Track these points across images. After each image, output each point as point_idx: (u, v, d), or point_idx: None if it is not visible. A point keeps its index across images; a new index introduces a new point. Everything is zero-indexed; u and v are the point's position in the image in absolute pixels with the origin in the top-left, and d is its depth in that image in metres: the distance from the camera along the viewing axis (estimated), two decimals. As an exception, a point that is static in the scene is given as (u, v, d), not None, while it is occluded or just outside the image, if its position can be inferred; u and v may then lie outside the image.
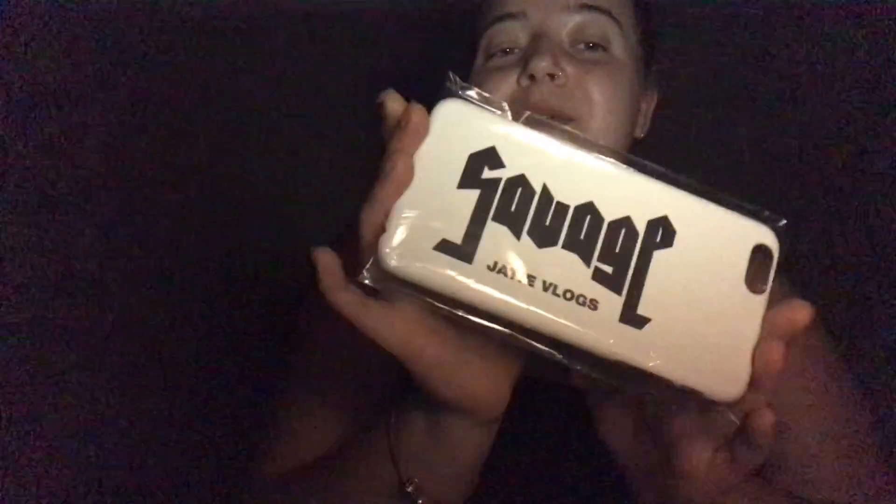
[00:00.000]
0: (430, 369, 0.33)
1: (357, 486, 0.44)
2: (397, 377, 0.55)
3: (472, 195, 0.30)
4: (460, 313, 0.30)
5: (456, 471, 0.40)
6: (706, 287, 0.31)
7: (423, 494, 0.40)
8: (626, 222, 0.30)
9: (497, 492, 0.54)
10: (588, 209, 0.30)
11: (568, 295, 0.29)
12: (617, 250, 0.30)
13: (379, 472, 0.42)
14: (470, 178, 0.30)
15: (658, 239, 0.30)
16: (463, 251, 0.29)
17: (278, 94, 1.44)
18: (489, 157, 0.30)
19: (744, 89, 1.28)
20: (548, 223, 0.30)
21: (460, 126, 0.31)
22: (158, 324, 1.36)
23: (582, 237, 0.30)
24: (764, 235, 0.32)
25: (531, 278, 0.29)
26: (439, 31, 1.33)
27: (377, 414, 0.44)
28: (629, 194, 0.31)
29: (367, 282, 0.30)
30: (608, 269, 0.30)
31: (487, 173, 0.30)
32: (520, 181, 0.30)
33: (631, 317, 0.30)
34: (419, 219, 0.29)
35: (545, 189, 0.30)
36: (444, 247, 0.29)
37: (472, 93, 0.32)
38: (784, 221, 0.33)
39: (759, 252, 0.32)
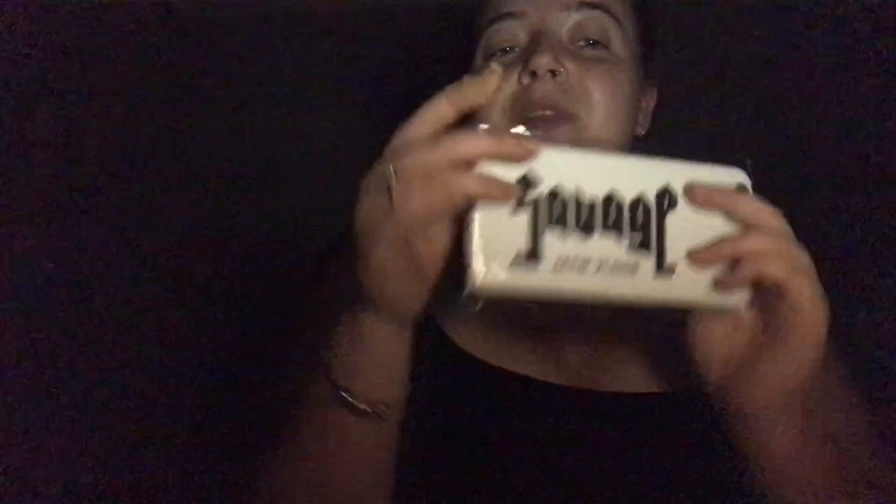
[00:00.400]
0: (376, 236, 0.39)
1: (299, 406, 0.49)
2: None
3: (526, 213, 0.38)
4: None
5: (379, 369, 0.45)
6: (705, 229, 0.41)
7: (358, 398, 0.45)
8: (640, 199, 0.40)
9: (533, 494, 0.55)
10: (611, 199, 0.39)
11: (616, 265, 0.39)
12: (640, 222, 0.40)
13: (316, 387, 0.47)
14: (517, 203, 0.38)
15: (666, 205, 0.40)
16: (532, 256, 0.38)
17: (278, 94, 1.44)
18: (528, 178, 0.38)
19: (744, 87, 1.28)
20: (585, 218, 0.39)
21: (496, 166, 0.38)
22: (159, 323, 1.36)
23: (610, 221, 0.39)
24: (738, 176, 0.43)
25: (585, 262, 0.39)
26: (439, 31, 1.33)
27: None
28: (633, 176, 0.40)
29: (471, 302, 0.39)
30: (639, 239, 0.40)
31: (531, 194, 0.38)
32: (557, 190, 0.38)
33: (662, 268, 0.40)
34: (491, 246, 0.37)
35: (576, 191, 0.39)
36: (518, 257, 0.38)
37: (488, 128, 0.39)
38: (749, 161, 0.43)
39: (740, 189, 0.42)
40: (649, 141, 0.65)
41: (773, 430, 0.42)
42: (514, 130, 0.40)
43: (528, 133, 0.40)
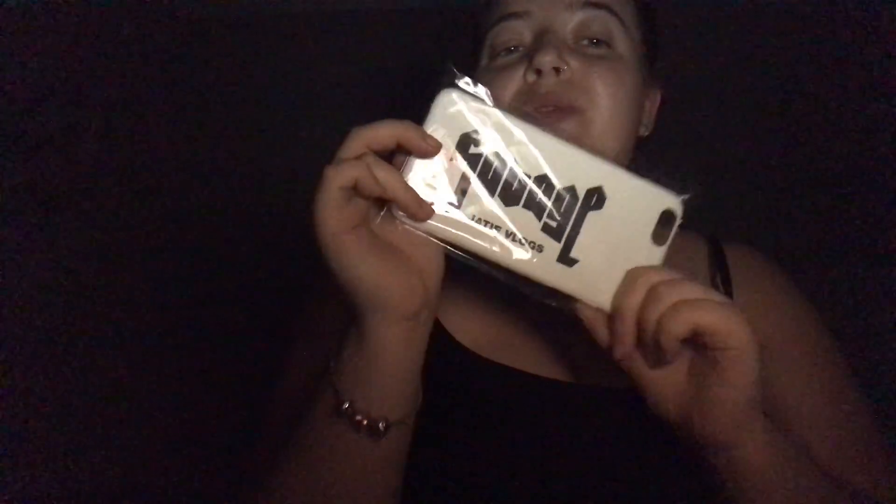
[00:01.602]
0: (344, 246, 0.40)
1: (305, 415, 0.48)
2: None
3: (461, 166, 0.41)
4: (449, 248, 0.43)
5: (383, 379, 0.44)
6: (622, 239, 0.43)
7: (360, 411, 0.44)
8: (571, 190, 0.42)
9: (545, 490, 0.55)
10: (544, 179, 0.42)
11: (522, 241, 0.42)
12: (562, 210, 0.42)
13: (322, 397, 0.46)
14: (460, 152, 0.41)
15: (593, 203, 0.42)
16: (452, 207, 0.41)
17: (278, 94, 1.44)
18: (476, 137, 0.41)
19: (746, 87, 1.28)
20: (514, 188, 0.42)
21: (455, 111, 0.41)
22: (159, 323, 1.36)
23: (538, 199, 0.42)
24: (671, 203, 0.43)
25: (497, 228, 0.42)
26: (440, 32, 1.33)
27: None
28: (575, 168, 0.42)
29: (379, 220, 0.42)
30: (553, 223, 0.42)
31: (473, 149, 0.41)
32: (496, 156, 0.41)
33: (565, 258, 0.43)
34: (423, 181, 0.41)
35: (514, 163, 0.42)
36: (441, 200, 0.41)
37: (465, 83, 0.42)
38: (688, 195, 0.43)
39: (667, 215, 0.43)
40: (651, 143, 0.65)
41: (738, 450, 0.43)
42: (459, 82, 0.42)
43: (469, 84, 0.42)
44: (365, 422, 0.44)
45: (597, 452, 0.56)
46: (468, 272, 0.44)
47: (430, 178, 0.41)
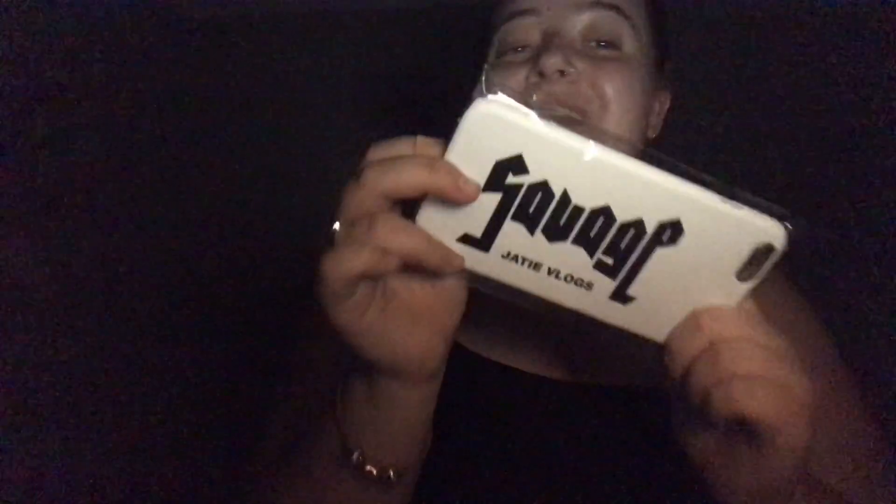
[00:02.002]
0: (359, 331, 0.35)
1: (310, 461, 0.45)
2: None
3: (495, 198, 0.33)
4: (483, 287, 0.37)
5: (396, 433, 0.41)
6: (697, 276, 0.35)
7: (369, 461, 0.41)
8: (637, 224, 0.33)
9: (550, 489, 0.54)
10: (603, 211, 0.33)
11: (568, 277, 0.35)
12: (622, 246, 0.34)
13: (328, 445, 0.43)
14: (494, 182, 0.33)
15: (665, 238, 0.34)
16: (481, 244, 0.35)
17: (279, 94, 1.44)
18: (515, 163, 0.32)
19: (753, 89, 1.28)
20: (562, 223, 0.34)
21: (489, 131, 0.32)
22: (159, 324, 1.36)
23: (592, 235, 0.34)
24: (772, 236, 0.34)
25: (538, 266, 0.35)
26: (442, 32, 1.32)
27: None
28: (647, 196, 0.33)
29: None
30: (609, 260, 0.35)
31: (511, 178, 0.33)
32: (541, 186, 0.33)
33: (620, 296, 0.36)
34: (446, 213, 0.34)
35: (565, 193, 0.33)
36: (466, 239, 0.35)
37: (502, 96, 0.32)
38: (791, 223, 0.34)
39: (763, 248, 0.34)
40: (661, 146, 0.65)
41: None
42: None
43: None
44: (375, 472, 0.41)
45: (597, 451, 0.56)
46: None
47: (453, 212, 0.34)
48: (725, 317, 0.35)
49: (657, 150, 0.34)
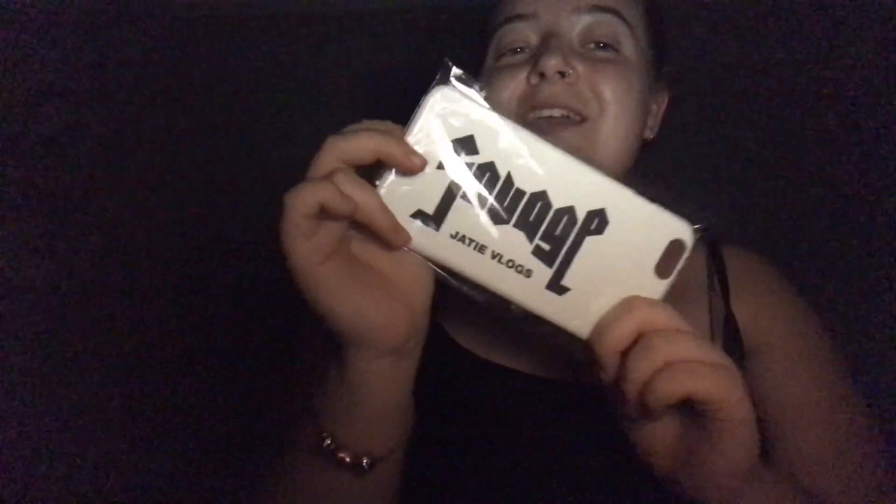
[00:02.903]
0: (316, 279, 0.36)
1: (289, 455, 0.45)
2: None
3: (448, 176, 0.36)
4: (431, 266, 0.39)
5: (368, 418, 0.40)
6: (622, 268, 0.38)
7: (342, 447, 0.41)
8: (569, 211, 0.37)
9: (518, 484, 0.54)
10: (541, 196, 0.37)
11: (510, 263, 0.37)
12: (557, 233, 0.37)
13: (305, 436, 0.43)
14: (448, 161, 0.36)
15: (593, 227, 0.37)
16: (432, 221, 0.37)
17: (279, 94, 1.44)
18: (467, 144, 0.36)
19: (747, 88, 1.28)
20: (505, 204, 0.37)
21: (445, 113, 0.36)
22: (160, 324, 1.36)
23: (531, 219, 0.37)
24: (682, 232, 0.38)
25: (483, 248, 0.37)
26: (442, 32, 1.33)
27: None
28: (578, 187, 0.37)
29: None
30: (546, 246, 0.38)
31: (463, 157, 0.36)
32: (488, 167, 0.36)
33: (555, 286, 0.38)
34: (403, 190, 0.36)
35: (509, 176, 0.36)
36: (419, 215, 0.37)
37: (459, 77, 0.37)
38: (701, 225, 0.38)
39: (675, 245, 0.38)
40: (658, 149, 0.65)
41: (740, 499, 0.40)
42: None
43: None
44: (347, 459, 0.41)
45: (594, 451, 0.56)
46: None
47: (409, 189, 0.36)
48: (651, 307, 0.37)
49: (656, 150, 0.35)
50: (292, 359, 0.65)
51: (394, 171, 0.36)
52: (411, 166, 0.36)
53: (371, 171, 0.38)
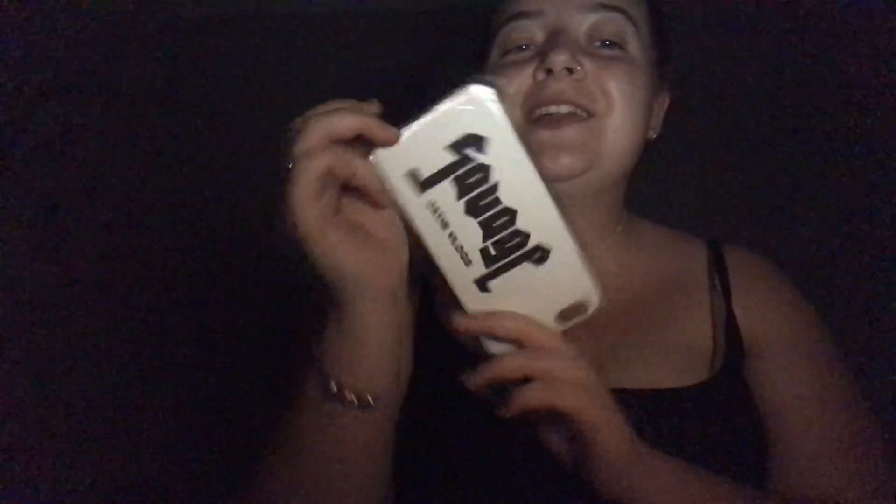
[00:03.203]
0: (323, 237, 0.40)
1: (295, 404, 0.48)
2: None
3: (450, 158, 0.41)
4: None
5: (365, 354, 0.44)
6: (535, 299, 0.45)
7: (347, 389, 0.45)
8: (525, 236, 0.43)
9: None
10: (510, 212, 0.42)
11: (459, 248, 0.43)
12: (507, 246, 0.43)
13: (309, 385, 0.47)
14: (457, 146, 0.40)
15: (534, 257, 0.43)
16: (420, 186, 0.41)
17: (279, 94, 1.44)
18: (479, 142, 0.41)
19: (747, 89, 1.28)
20: (481, 203, 0.42)
21: (477, 109, 0.40)
22: (160, 323, 1.36)
23: (494, 225, 0.43)
24: (590, 297, 0.45)
25: (446, 224, 0.42)
26: (442, 32, 1.32)
27: None
28: (541, 222, 0.43)
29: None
30: (493, 251, 0.43)
31: (470, 151, 0.41)
32: (485, 169, 0.41)
33: (482, 283, 0.44)
34: (410, 151, 0.41)
35: (496, 185, 0.42)
36: (412, 176, 0.41)
37: (492, 90, 0.40)
38: (603, 300, 0.45)
39: (581, 305, 0.45)
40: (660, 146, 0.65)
41: (635, 490, 0.46)
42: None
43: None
44: (353, 399, 0.45)
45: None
46: None
47: (413, 153, 0.41)
48: (535, 324, 0.44)
49: (657, 150, 0.36)
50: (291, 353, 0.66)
51: (410, 132, 0.41)
52: (388, 138, 0.40)
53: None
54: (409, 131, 0.41)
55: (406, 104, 0.41)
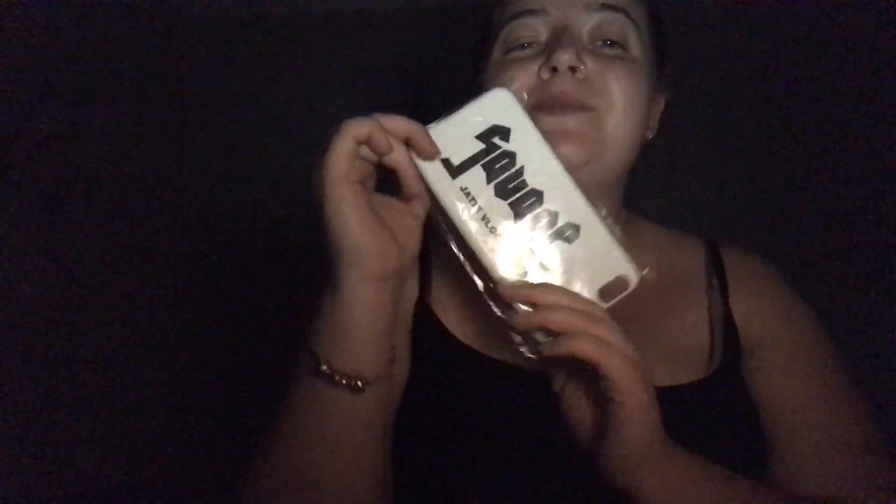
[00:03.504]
0: (348, 206, 0.43)
1: (291, 384, 0.49)
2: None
3: (479, 147, 0.46)
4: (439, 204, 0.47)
5: (355, 336, 0.46)
6: (574, 279, 0.46)
7: (336, 370, 0.46)
8: (554, 214, 0.46)
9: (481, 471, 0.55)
10: (537, 193, 0.46)
11: (492, 228, 0.46)
12: (537, 225, 0.46)
13: (300, 362, 0.48)
14: (485, 136, 0.47)
15: (566, 235, 0.46)
16: (452, 172, 0.46)
17: (279, 93, 1.44)
18: (504, 131, 0.47)
19: (747, 89, 1.28)
20: (509, 186, 0.46)
21: (499, 105, 0.47)
22: (160, 322, 1.36)
23: (524, 206, 0.46)
24: (630, 273, 0.46)
25: (474, 200, 0.46)
26: (442, 32, 1.33)
27: None
28: (568, 201, 0.46)
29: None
30: (523, 212, 0.47)
31: (496, 139, 0.47)
32: (510, 155, 0.46)
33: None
34: (443, 141, 0.46)
35: (522, 168, 0.46)
36: (445, 162, 0.46)
37: (514, 92, 0.47)
38: (647, 271, 0.47)
39: (621, 281, 0.46)
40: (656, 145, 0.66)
41: (635, 494, 0.45)
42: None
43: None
44: (342, 379, 0.46)
45: (569, 442, 0.56)
46: (463, 270, 0.48)
47: (451, 140, 0.46)
48: (588, 301, 0.45)
49: (658, 150, 0.38)
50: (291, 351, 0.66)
51: (445, 125, 0.46)
52: (431, 153, 0.45)
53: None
54: (442, 124, 0.46)
55: (407, 102, 0.42)
